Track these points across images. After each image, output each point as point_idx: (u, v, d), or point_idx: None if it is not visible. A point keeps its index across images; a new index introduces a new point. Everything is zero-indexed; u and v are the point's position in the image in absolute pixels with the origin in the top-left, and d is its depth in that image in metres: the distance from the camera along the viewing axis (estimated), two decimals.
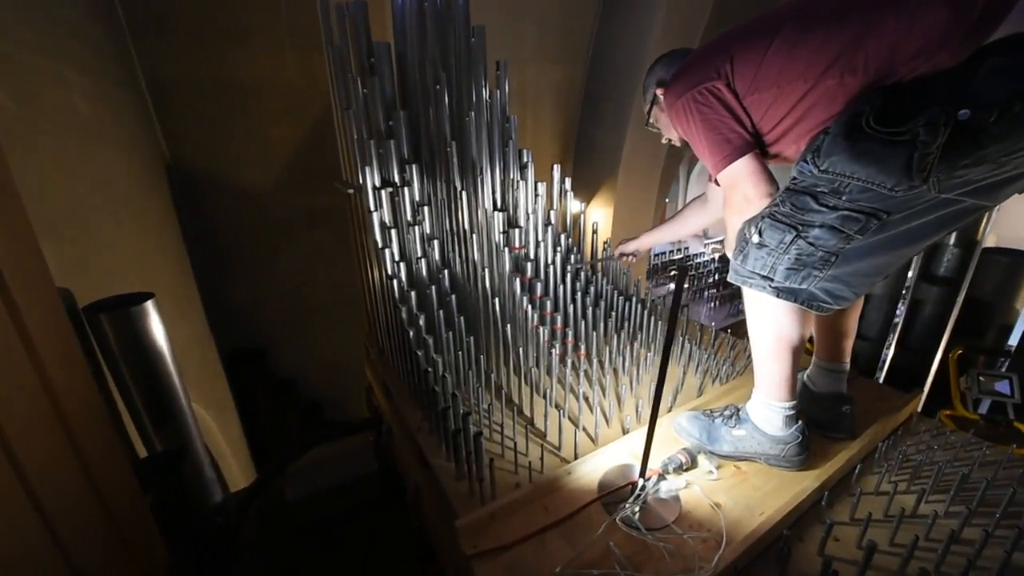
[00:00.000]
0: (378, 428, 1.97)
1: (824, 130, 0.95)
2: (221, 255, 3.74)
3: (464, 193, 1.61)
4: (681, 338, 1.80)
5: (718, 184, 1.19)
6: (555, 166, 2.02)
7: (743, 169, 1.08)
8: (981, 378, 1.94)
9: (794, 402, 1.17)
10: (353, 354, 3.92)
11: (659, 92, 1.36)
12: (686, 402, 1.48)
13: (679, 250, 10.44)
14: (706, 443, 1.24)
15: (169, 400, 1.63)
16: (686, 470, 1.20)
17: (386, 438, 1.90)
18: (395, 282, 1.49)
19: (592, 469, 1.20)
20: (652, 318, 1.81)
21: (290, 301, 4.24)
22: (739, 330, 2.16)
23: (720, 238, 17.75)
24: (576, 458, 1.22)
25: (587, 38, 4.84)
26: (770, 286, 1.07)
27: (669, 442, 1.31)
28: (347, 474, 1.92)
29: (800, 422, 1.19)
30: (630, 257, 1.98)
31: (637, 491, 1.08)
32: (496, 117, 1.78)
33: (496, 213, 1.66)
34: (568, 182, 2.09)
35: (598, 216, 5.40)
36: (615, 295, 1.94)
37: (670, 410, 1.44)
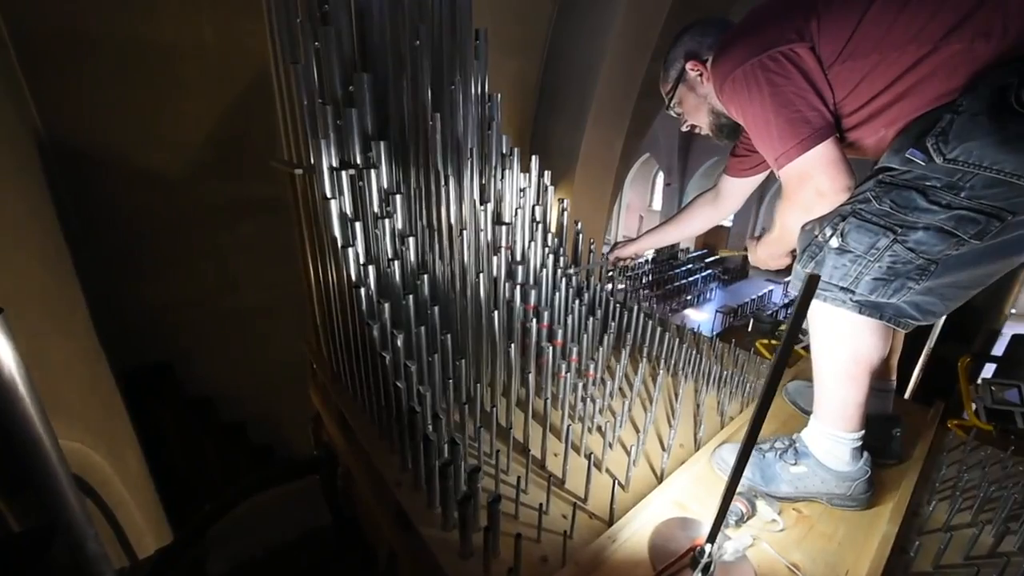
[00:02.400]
0: (330, 470, 1.60)
1: (951, 107, 0.76)
2: (118, 253, 3.08)
3: (452, 180, 1.29)
4: (683, 345, 1.61)
5: (777, 175, 0.98)
6: (534, 157, 1.76)
7: (822, 157, 0.87)
8: (993, 387, 1.97)
9: (863, 432, 1.00)
10: (287, 366, 3.40)
11: (690, 67, 1.13)
12: (713, 431, 1.28)
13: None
14: (760, 483, 1.04)
15: (25, 454, 1.16)
16: (746, 520, 0.98)
17: (343, 482, 1.53)
18: (362, 291, 1.15)
19: (637, 529, 0.95)
20: (657, 329, 1.60)
21: (207, 306, 3.63)
22: (725, 337, 2.02)
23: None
24: (612, 515, 0.96)
25: (544, 32, 4.64)
26: (851, 300, 0.88)
27: (710, 483, 1.10)
28: (290, 531, 1.53)
29: (866, 454, 1.02)
30: (627, 261, 1.77)
31: (705, 559, 0.85)
32: (476, 94, 1.49)
33: (486, 206, 1.37)
34: (548, 176, 1.85)
35: (553, 215, 5.23)
36: (611, 303, 1.72)
37: (698, 445, 1.23)
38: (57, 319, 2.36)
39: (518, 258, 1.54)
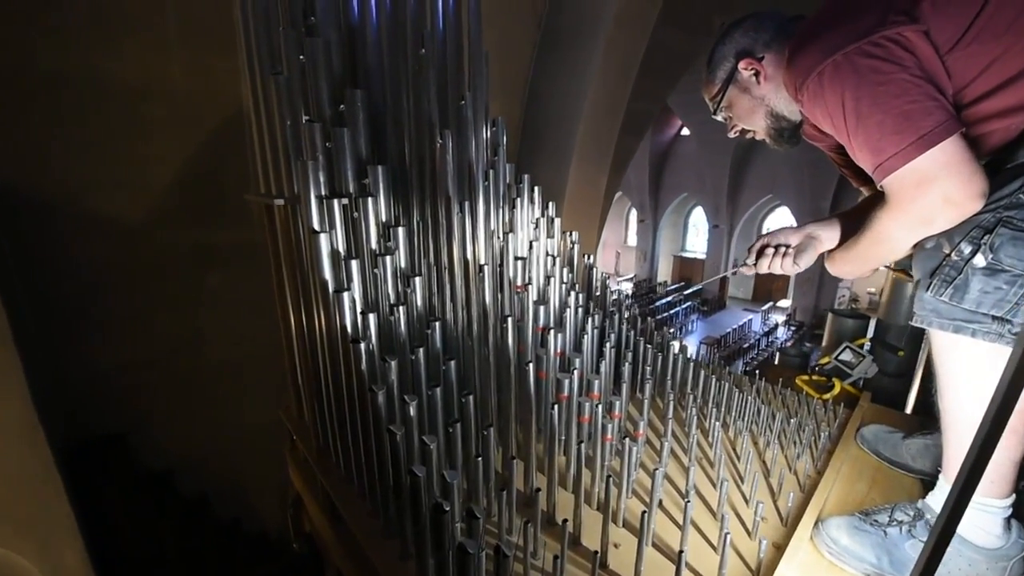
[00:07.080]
0: (315, 572, 1.28)
1: None
2: (67, 307, 2.73)
3: (467, 205, 1.09)
4: (722, 384, 1.40)
5: (876, 182, 0.78)
6: (536, 188, 1.60)
7: (952, 155, 0.69)
8: None
9: (1014, 497, 0.79)
10: (258, 429, 3.03)
11: (742, 66, 0.96)
12: (798, 500, 1.05)
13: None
14: (888, 570, 0.81)
15: None
16: None
17: None
18: (361, 346, 0.91)
19: None
20: (702, 374, 1.40)
21: (167, 367, 3.26)
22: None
23: (630, 275, 18.28)
24: None
25: (525, 72, 4.68)
26: (1010, 332, 0.70)
27: (818, 568, 0.86)
28: None
29: (1016, 523, 0.81)
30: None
31: None
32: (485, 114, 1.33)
33: (506, 238, 1.17)
34: (552, 207, 1.69)
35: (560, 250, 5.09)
36: (642, 345, 1.51)
37: (785, 521, 1.00)
38: None
39: (534, 298, 1.33)
